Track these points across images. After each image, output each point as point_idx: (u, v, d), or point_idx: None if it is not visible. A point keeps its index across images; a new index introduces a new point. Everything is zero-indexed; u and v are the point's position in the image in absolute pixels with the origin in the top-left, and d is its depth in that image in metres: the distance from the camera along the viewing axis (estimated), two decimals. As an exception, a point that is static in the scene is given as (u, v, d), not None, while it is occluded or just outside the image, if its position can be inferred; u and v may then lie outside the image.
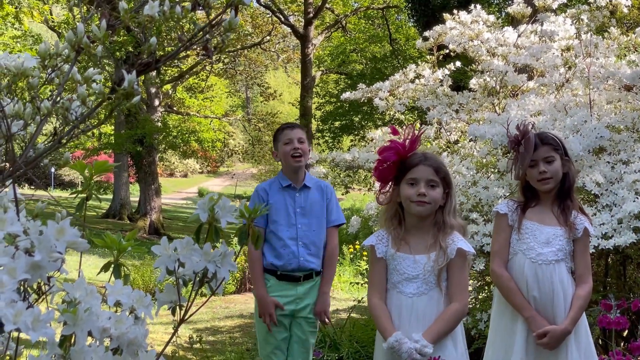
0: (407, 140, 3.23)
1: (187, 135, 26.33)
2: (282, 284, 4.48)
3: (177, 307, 1.67)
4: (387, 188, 3.33)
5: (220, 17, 1.41)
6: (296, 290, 4.48)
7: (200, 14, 1.65)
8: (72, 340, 1.47)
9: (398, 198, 3.24)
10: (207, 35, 1.42)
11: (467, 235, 3.38)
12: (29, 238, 1.39)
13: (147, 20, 1.39)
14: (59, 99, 1.53)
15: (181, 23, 1.51)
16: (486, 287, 5.98)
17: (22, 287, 1.41)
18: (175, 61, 24.82)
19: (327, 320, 4.61)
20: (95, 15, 1.51)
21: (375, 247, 3.26)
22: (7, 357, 1.52)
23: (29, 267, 1.35)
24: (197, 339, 4.82)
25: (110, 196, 26.47)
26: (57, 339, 1.44)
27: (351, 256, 12.60)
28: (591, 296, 3.64)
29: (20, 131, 1.56)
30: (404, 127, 3.38)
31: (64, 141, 1.53)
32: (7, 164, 1.60)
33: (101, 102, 1.41)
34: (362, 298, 8.02)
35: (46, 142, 1.58)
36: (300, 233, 4.48)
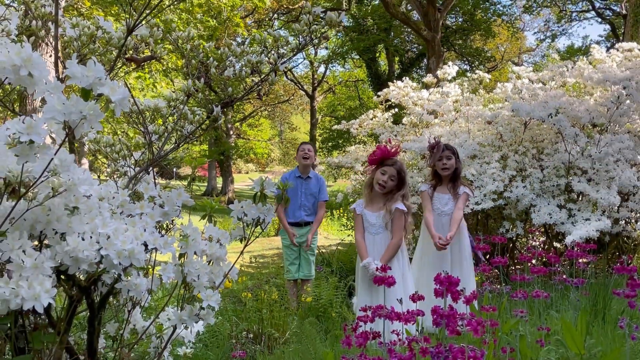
0: (393, 150, 3.25)
1: (247, 150, 26.54)
2: (293, 228, 4.70)
3: (244, 238, 1.67)
4: (370, 169, 3.35)
5: (266, 76, 1.41)
6: (299, 231, 4.70)
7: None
8: (185, 257, 1.47)
9: (374, 175, 3.26)
10: (259, 87, 1.43)
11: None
12: (162, 199, 1.39)
13: (227, 78, 1.39)
14: (178, 123, 1.53)
15: (246, 80, 1.50)
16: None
17: (157, 225, 1.41)
18: (242, 110, 24.94)
19: (308, 245, 4.70)
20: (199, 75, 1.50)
21: (356, 209, 3.27)
22: (150, 266, 1.51)
23: (161, 214, 1.36)
24: (254, 259, 4.89)
25: (206, 183, 26.65)
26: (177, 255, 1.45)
27: (338, 216, 12.57)
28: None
29: (156, 141, 1.55)
30: (392, 143, 3.39)
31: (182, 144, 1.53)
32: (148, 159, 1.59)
33: (201, 123, 1.42)
34: (343, 239, 8.02)
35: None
36: (302, 203, 4.68)
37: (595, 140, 4.77)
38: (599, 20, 19.43)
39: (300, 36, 1.43)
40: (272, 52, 1.39)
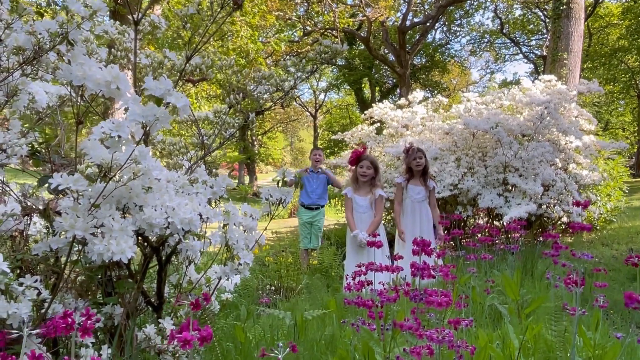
0: (362, 149, 3.23)
1: (267, 156, 26.40)
2: (306, 210, 4.63)
3: (269, 214, 1.65)
4: (352, 167, 3.32)
5: (288, 91, 1.40)
6: (311, 213, 4.58)
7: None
8: (227, 226, 1.45)
9: (355, 172, 3.23)
10: (282, 100, 1.42)
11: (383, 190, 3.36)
12: (212, 182, 1.38)
13: (258, 93, 1.38)
14: (223, 126, 1.51)
15: (272, 95, 1.48)
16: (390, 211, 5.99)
17: (208, 201, 1.39)
18: (263, 126, 24.80)
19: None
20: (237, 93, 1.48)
21: (348, 193, 3.24)
22: (202, 234, 1.49)
23: (211, 192, 1.34)
24: (273, 234, 4.86)
25: (237, 180, 26.47)
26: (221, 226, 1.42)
27: (335, 201, 12.44)
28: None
29: (207, 141, 1.54)
30: (361, 147, 3.37)
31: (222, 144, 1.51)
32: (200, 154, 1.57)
33: (239, 127, 1.41)
34: (339, 220, 7.96)
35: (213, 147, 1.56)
36: (315, 190, 4.55)
37: (524, 146, 4.75)
38: (525, 61, 19.47)
39: (309, 66, 1.42)
40: (294, 74, 1.38)
